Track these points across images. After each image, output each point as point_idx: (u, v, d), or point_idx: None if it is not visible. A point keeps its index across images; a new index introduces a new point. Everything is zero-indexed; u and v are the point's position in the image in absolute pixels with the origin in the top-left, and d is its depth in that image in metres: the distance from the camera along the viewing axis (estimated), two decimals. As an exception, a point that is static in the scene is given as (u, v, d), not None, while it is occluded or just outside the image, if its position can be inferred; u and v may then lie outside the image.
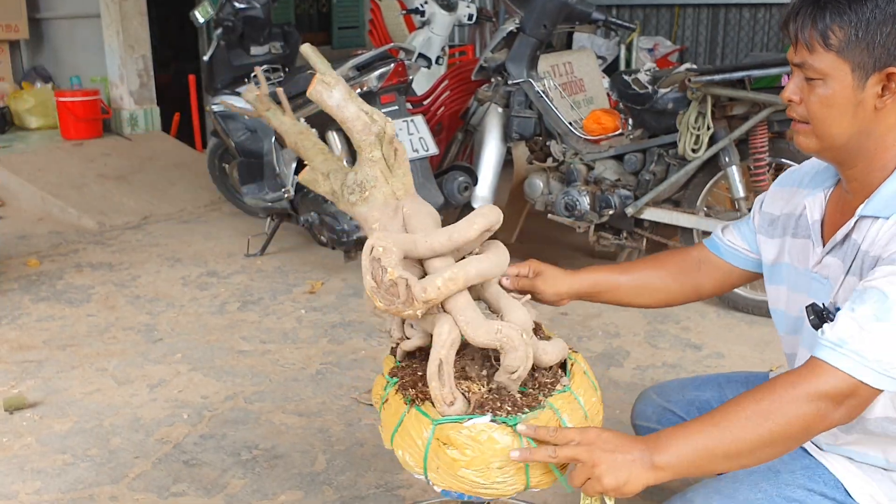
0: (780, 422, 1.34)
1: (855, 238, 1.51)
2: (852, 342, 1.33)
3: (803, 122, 1.52)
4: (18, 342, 3.71)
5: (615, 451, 1.36)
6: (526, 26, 4.27)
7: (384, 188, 1.53)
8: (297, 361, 3.50)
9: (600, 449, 1.36)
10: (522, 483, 1.44)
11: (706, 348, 3.59)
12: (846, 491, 1.55)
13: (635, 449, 1.37)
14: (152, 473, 2.66)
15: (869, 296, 1.36)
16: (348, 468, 2.67)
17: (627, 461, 1.36)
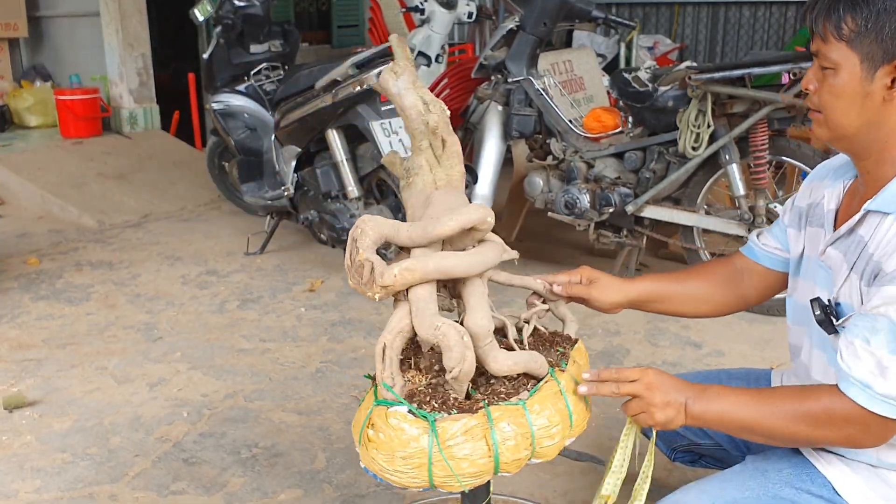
0: (813, 432, 1.47)
1: (861, 234, 1.52)
2: (877, 386, 1.39)
3: (817, 111, 1.54)
4: (18, 341, 3.71)
5: (668, 393, 1.52)
6: (526, 24, 4.26)
7: (426, 177, 1.58)
8: (297, 360, 3.49)
9: (658, 390, 1.52)
10: (424, 479, 1.44)
11: (706, 346, 3.59)
12: (834, 489, 1.56)
13: (682, 395, 1.52)
14: (152, 472, 2.66)
15: (881, 326, 1.40)
16: (348, 466, 2.67)
17: (676, 404, 1.52)
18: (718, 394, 1.52)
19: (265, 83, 4.98)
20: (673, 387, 1.53)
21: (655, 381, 1.53)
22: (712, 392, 1.52)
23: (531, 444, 1.48)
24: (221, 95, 4.94)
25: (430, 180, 1.58)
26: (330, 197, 4.28)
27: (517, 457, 1.46)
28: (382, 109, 3.94)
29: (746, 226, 3.79)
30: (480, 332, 1.48)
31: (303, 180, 4.46)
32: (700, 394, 1.52)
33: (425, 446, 1.40)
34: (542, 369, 1.57)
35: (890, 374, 1.38)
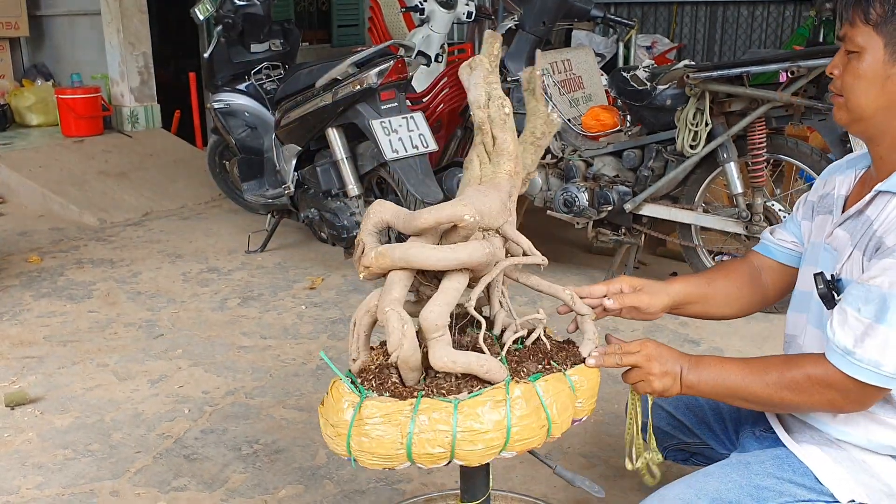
0: (795, 398, 1.54)
1: (868, 214, 1.56)
2: (860, 351, 1.45)
3: (839, 95, 1.58)
4: (20, 338, 3.73)
5: (665, 363, 1.59)
6: (525, 23, 4.29)
7: (474, 172, 1.61)
8: (298, 357, 3.51)
9: (656, 360, 1.59)
10: (342, 448, 1.50)
11: (704, 343, 3.61)
12: (815, 477, 1.60)
13: (678, 365, 1.60)
14: (153, 468, 2.68)
15: (873, 295, 1.44)
16: (348, 462, 2.68)
17: (673, 373, 1.59)
18: (710, 364, 1.60)
19: (266, 82, 5.00)
20: (670, 357, 1.60)
21: (654, 352, 1.59)
22: (705, 362, 1.60)
23: (450, 444, 1.43)
24: (222, 94, 4.97)
25: (476, 175, 1.61)
26: (330, 195, 4.30)
27: (428, 452, 1.43)
28: (382, 108, 3.96)
29: (744, 224, 3.81)
30: (427, 325, 1.48)
31: (303, 179, 4.48)
32: (695, 364, 1.60)
33: (347, 419, 1.46)
34: (495, 375, 1.51)
35: (872, 341, 1.44)
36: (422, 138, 3.99)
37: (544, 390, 1.52)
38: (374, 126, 3.91)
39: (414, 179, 3.89)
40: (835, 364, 1.48)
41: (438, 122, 5.24)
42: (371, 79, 3.89)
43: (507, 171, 1.59)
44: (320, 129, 4.23)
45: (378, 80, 3.90)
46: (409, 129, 3.97)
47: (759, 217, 3.78)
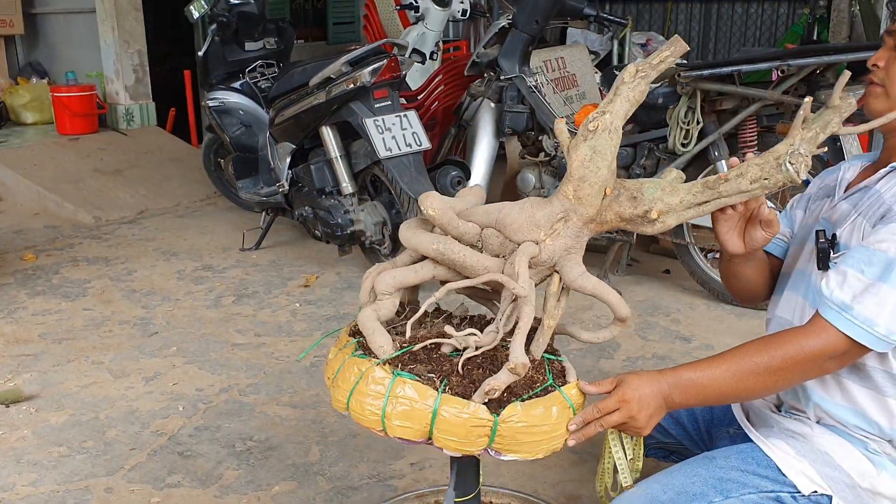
0: (785, 379, 1.55)
1: (878, 188, 1.62)
2: (857, 307, 1.48)
3: (879, 85, 1.64)
4: (15, 336, 3.74)
5: (649, 406, 1.56)
6: (518, 22, 4.30)
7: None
8: (292, 354, 3.53)
9: (640, 410, 1.56)
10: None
11: (695, 340, 3.64)
12: (779, 469, 1.63)
13: (661, 398, 1.57)
14: (148, 465, 2.70)
15: (878, 258, 1.48)
16: (341, 459, 2.71)
17: (659, 412, 1.58)
18: (692, 379, 1.57)
19: (260, 80, 5.02)
20: (651, 395, 1.57)
21: (632, 399, 1.56)
22: (686, 378, 1.57)
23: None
24: (217, 92, 4.98)
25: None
26: (324, 193, 4.31)
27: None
28: (376, 106, 3.98)
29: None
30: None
31: (297, 177, 4.49)
32: (675, 386, 1.57)
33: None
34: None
35: (872, 299, 1.47)
36: (415, 137, 4.00)
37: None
38: (368, 124, 3.92)
39: (407, 177, 3.91)
40: (829, 319, 1.50)
41: (433, 120, 5.27)
42: (365, 77, 3.91)
43: (564, 192, 1.54)
44: (314, 128, 4.25)
45: (371, 79, 3.91)
46: (402, 128, 3.98)
47: (750, 214, 3.80)
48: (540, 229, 1.54)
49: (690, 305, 4.02)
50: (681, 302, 4.07)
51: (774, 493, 1.61)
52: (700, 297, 4.10)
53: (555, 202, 1.55)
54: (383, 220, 4.22)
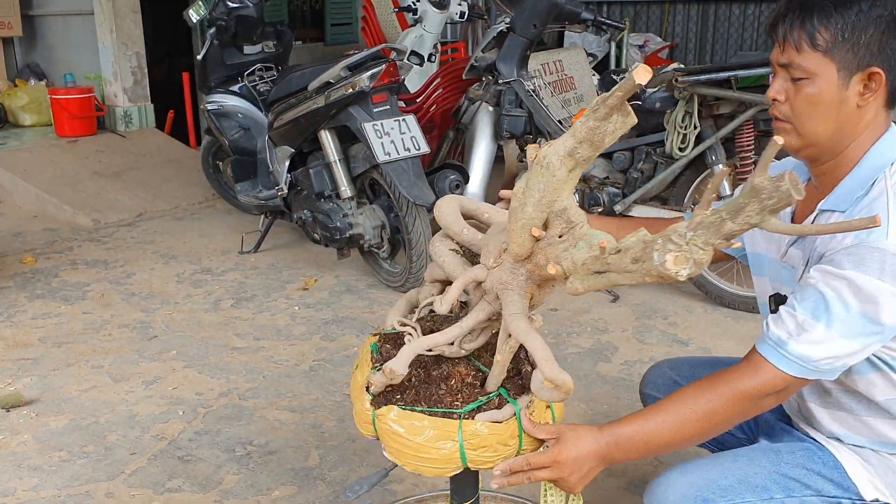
0: (721, 420, 1.54)
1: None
2: (791, 343, 1.48)
3: (785, 122, 1.58)
4: (14, 339, 3.75)
5: (582, 467, 1.55)
6: (516, 26, 4.32)
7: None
8: (291, 358, 3.55)
9: (572, 472, 1.55)
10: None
11: (693, 343, 3.65)
12: (845, 473, 1.62)
13: (596, 460, 1.56)
14: (148, 469, 2.71)
15: (808, 294, 1.48)
16: (341, 463, 2.73)
17: (593, 472, 1.58)
18: (630, 436, 1.56)
19: (259, 84, 5.03)
20: (586, 456, 1.55)
21: (566, 461, 1.54)
22: (624, 436, 1.56)
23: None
24: (216, 96, 4.99)
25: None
26: (323, 197, 4.33)
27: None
28: (375, 111, 3.99)
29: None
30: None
31: (296, 180, 4.51)
32: (613, 445, 1.56)
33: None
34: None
35: (806, 336, 1.46)
36: (414, 141, 4.02)
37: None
38: (367, 129, 3.94)
39: (406, 181, 3.92)
40: (765, 355, 1.50)
41: (430, 123, 5.28)
42: (363, 82, 3.92)
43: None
44: (313, 132, 4.26)
45: (370, 84, 3.93)
46: (401, 132, 4.00)
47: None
48: (490, 255, 1.54)
49: (687, 308, 4.04)
50: (678, 305, 4.09)
51: (836, 500, 1.61)
52: (697, 300, 4.12)
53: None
54: (382, 224, 4.23)
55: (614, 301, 4.12)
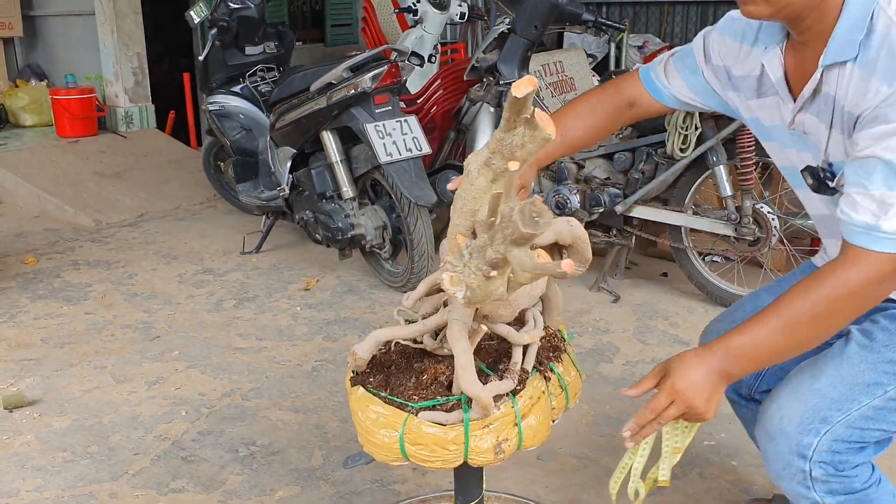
0: (837, 320, 1.47)
1: (826, 91, 1.52)
2: (882, 223, 1.40)
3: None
4: (17, 340, 3.76)
5: (704, 390, 1.48)
6: (517, 27, 4.32)
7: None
8: (293, 358, 3.55)
9: (695, 397, 1.48)
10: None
11: (694, 343, 3.64)
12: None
13: (716, 378, 1.48)
14: (151, 470, 2.72)
15: (872, 167, 1.41)
16: (343, 463, 2.73)
17: (717, 392, 1.50)
18: (743, 346, 1.48)
19: (260, 84, 5.04)
20: (703, 377, 1.48)
21: (686, 389, 1.48)
22: (736, 347, 1.49)
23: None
24: (217, 96, 5.00)
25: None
26: (325, 197, 4.34)
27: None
28: (376, 112, 4.00)
29: (733, 226, 3.86)
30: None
31: (298, 181, 4.51)
32: (726, 359, 1.48)
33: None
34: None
35: (893, 210, 1.39)
36: (415, 142, 4.03)
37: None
38: (369, 129, 3.94)
39: (408, 182, 3.93)
40: (862, 245, 1.42)
41: (431, 124, 5.28)
42: (365, 83, 3.93)
43: None
44: (315, 133, 4.27)
45: (372, 85, 3.93)
46: (402, 133, 4.01)
47: (748, 219, 3.83)
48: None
49: (689, 309, 4.05)
50: (679, 305, 4.10)
51: None
52: (698, 300, 4.13)
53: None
54: (383, 225, 4.24)
55: (615, 301, 4.13)
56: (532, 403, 1.60)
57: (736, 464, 2.74)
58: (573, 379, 1.74)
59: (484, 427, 1.53)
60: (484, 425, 1.53)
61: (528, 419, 1.58)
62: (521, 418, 1.57)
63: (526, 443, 1.58)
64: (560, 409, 1.70)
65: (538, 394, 1.62)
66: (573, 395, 1.73)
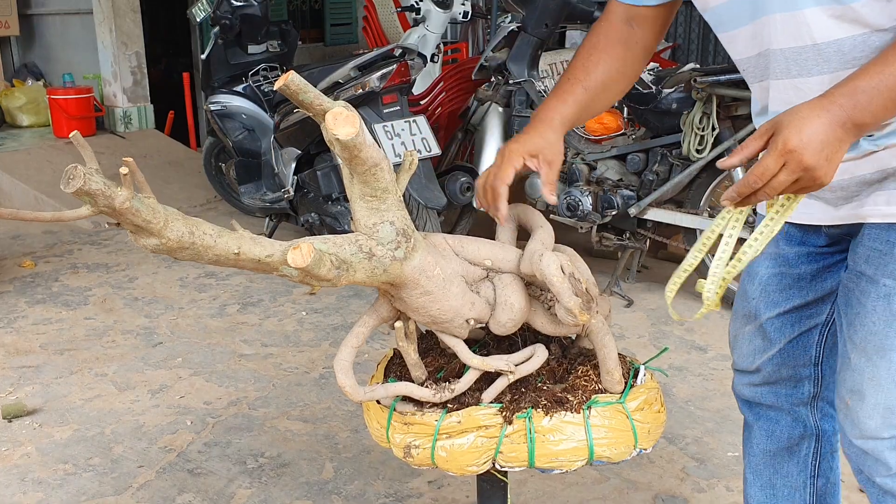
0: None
1: None
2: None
3: None
4: (15, 346, 3.66)
5: (823, 143, 1.20)
6: (528, 25, 4.23)
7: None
8: (301, 365, 3.46)
9: (808, 153, 1.20)
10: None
11: (711, 350, 3.57)
12: None
13: (835, 127, 1.20)
14: (157, 483, 2.62)
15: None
16: (357, 476, 2.64)
17: (838, 145, 1.21)
18: (873, 87, 1.20)
19: (263, 84, 4.95)
20: (826, 131, 1.20)
21: (802, 147, 1.19)
22: (862, 88, 1.21)
23: None
24: (219, 96, 4.91)
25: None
26: (331, 199, 4.24)
27: None
28: (385, 112, 3.91)
29: (750, 228, 3.77)
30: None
31: (303, 182, 4.42)
32: (851, 106, 1.21)
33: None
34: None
35: None
36: (424, 142, 3.94)
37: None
38: (377, 130, 3.85)
39: (417, 184, 3.84)
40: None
41: (436, 126, 5.19)
42: (373, 82, 3.84)
43: None
44: (320, 133, 4.17)
45: (381, 84, 3.85)
46: (411, 134, 3.92)
47: (765, 222, 3.73)
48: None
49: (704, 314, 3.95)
50: (694, 310, 3.99)
51: None
52: (713, 305, 4.03)
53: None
54: (391, 227, 4.14)
55: (628, 306, 4.04)
56: (461, 430, 1.53)
57: (762, 476, 2.64)
58: (571, 449, 1.56)
59: (404, 423, 1.55)
60: (404, 421, 1.55)
61: (449, 441, 1.53)
62: (437, 435, 1.53)
63: (438, 463, 1.54)
64: (515, 462, 1.54)
65: (474, 425, 1.53)
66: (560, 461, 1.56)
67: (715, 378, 3.31)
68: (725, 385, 3.25)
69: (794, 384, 1.74)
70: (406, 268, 1.46)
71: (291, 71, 1.25)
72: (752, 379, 1.78)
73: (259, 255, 1.34)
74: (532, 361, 1.60)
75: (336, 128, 1.31)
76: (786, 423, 1.78)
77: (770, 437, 1.80)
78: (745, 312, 1.75)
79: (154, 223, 1.26)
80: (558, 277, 1.45)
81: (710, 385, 3.26)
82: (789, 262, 1.65)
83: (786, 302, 1.67)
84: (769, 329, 1.70)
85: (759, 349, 1.73)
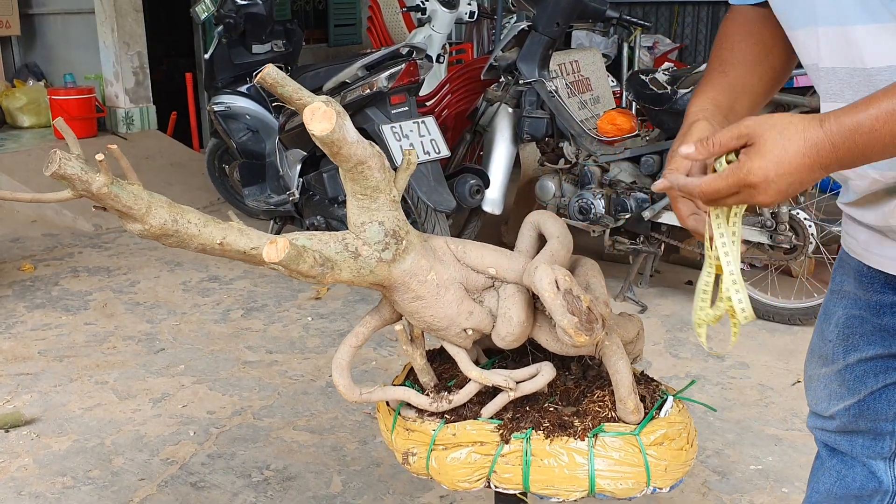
0: None
1: None
2: None
3: None
4: (13, 353, 3.56)
5: (790, 176, 1.07)
6: (538, 24, 4.13)
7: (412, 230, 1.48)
8: (306, 373, 3.36)
9: (768, 187, 1.08)
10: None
11: (729, 358, 3.47)
12: None
13: (810, 157, 1.06)
14: (159, 497, 2.52)
15: None
16: (366, 490, 2.54)
17: (804, 182, 1.09)
18: (860, 121, 1.04)
19: (267, 84, 4.85)
20: (799, 172, 1.07)
21: (762, 183, 1.08)
22: (851, 122, 1.04)
23: None
24: (222, 96, 4.81)
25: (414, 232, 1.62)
26: (337, 202, 4.14)
27: None
28: (393, 112, 3.81)
29: (768, 233, 3.68)
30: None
31: (308, 184, 4.32)
32: (837, 127, 1.05)
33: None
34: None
35: None
36: (433, 144, 3.84)
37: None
38: (385, 131, 3.75)
39: (426, 187, 3.74)
40: None
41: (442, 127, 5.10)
42: (381, 82, 3.74)
43: None
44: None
45: (388, 84, 3.75)
46: (420, 135, 3.82)
47: (784, 226, 3.64)
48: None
49: (720, 321, 3.85)
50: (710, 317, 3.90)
51: None
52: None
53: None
54: (398, 231, 4.05)
55: (642, 312, 3.94)
56: (456, 442, 1.48)
57: (787, 491, 2.54)
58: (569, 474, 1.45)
59: (405, 429, 1.53)
60: (406, 427, 1.53)
61: (444, 452, 1.49)
62: (433, 445, 1.50)
63: (432, 474, 1.51)
64: (509, 484, 1.46)
65: (469, 440, 1.47)
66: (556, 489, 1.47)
67: (734, 387, 3.21)
68: (745, 394, 3.15)
69: (874, 438, 1.55)
70: (394, 270, 1.41)
71: (269, 64, 1.21)
72: (826, 424, 1.60)
73: (244, 246, 1.31)
74: (536, 380, 1.53)
75: (312, 123, 1.25)
76: (860, 472, 1.60)
77: (839, 482, 1.62)
78: (821, 353, 1.57)
79: (136, 209, 1.27)
80: (550, 293, 1.36)
81: (728, 394, 3.16)
82: (871, 308, 1.44)
83: (868, 348, 1.45)
84: (848, 377, 1.50)
85: (836, 396, 1.53)
